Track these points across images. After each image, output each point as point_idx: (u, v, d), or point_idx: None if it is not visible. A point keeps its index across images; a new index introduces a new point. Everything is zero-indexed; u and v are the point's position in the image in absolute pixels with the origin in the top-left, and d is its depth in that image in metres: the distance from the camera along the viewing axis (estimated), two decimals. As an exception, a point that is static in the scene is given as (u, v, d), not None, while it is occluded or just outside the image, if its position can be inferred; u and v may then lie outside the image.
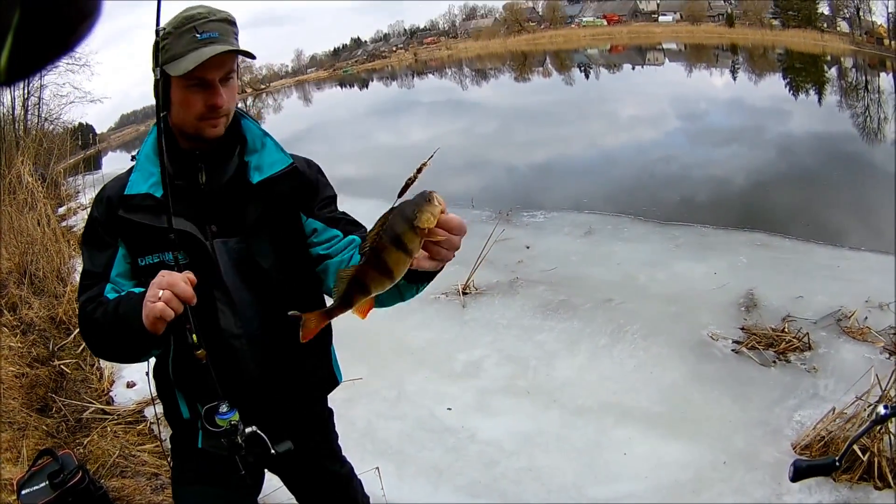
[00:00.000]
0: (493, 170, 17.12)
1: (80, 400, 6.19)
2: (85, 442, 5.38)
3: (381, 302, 1.98)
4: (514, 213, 11.35)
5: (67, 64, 30.72)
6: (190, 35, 2.16)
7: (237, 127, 2.45)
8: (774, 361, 5.66)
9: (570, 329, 6.56)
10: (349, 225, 2.42)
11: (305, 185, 2.47)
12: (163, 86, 2.28)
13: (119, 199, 2.34)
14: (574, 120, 25.66)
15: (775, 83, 36.11)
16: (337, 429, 2.98)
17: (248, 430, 2.35)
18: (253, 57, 2.35)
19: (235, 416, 2.31)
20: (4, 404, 5.90)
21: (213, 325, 2.35)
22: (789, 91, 31.38)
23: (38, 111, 29.85)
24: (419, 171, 1.63)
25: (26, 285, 9.15)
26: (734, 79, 39.64)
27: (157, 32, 2.26)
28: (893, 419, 2.72)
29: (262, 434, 2.39)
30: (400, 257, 1.65)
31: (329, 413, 2.91)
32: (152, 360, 2.67)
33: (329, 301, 1.99)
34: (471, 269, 7.86)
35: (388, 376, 5.97)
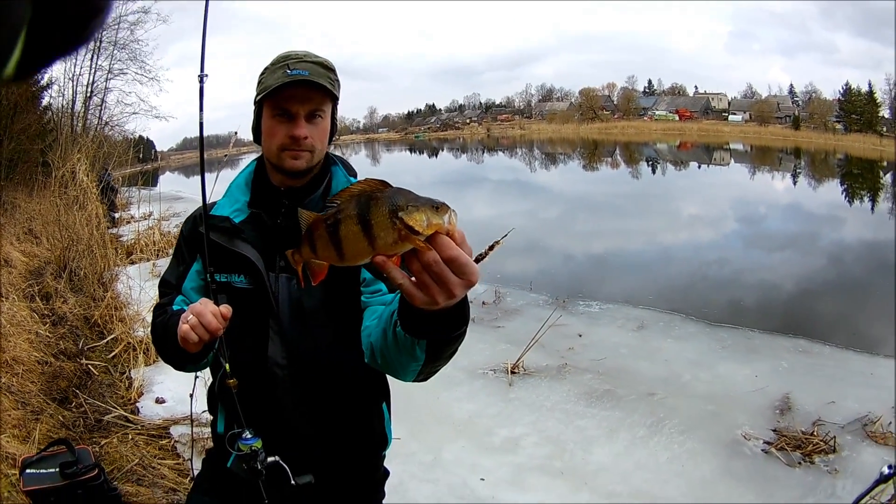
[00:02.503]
0: (554, 255, 17.24)
1: (104, 402, 6.32)
2: (102, 443, 5.50)
3: (393, 363, 1.96)
4: (571, 300, 11.44)
5: (136, 73, 31.03)
6: (281, 71, 2.31)
7: (327, 171, 2.58)
8: (800, 462, 5.78)
9: (611, 418, 6.68)
10: None
11: None
12: (256, 117, 2.48)
13: (203, 218, 2.48)
14: (636, 214, 25.76)
15: (833, 189, 36.05)
16: None
17: (270, 459, 2.41)
18: (335, 98, 2.46)
19: (258, 444, 2.40)
20: (20, 385, 6.04)
21: (262, 352, 2.45)
22: (845, 198, 31.41)
23: (100, 113, 30.29)
24: (491, 248, 1.49)
25: (64, 280, 9.46)
26: (794, 183, 39.53)
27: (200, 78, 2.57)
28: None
29: (283, 464, 2.42)
30: (357, 236, 1.39)
31: (383, 475, 2.88)
32: (201, 383, 2.94)
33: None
34: (522, 350, 8.00)
35: (427, 441, 6.06)
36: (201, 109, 2.59)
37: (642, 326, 9.97)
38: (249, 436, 2.39)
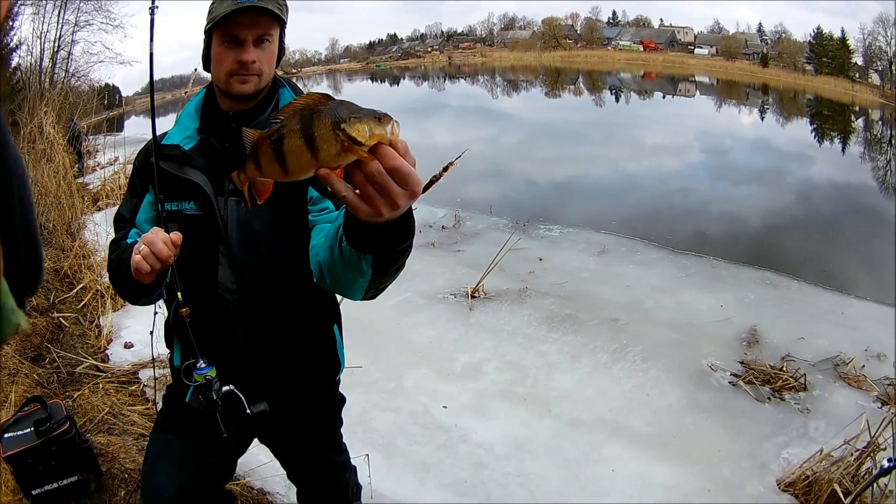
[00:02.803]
0: (515, 181, 17.15)
1: (76, 354, 6.22)
2: (75, 395, 5.41)
3: (340, 280, 1.92)
4: (531, 224, 11.39)
5: (101, 23, 30.77)
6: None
7: (274, 92, 2.55)
8: (769, 398, 5.66)
9: (573, 343, 6.56)
10: None
11: None
12: (206, 45, 2.43)
13: (154, 148, 2.46)
14: (599, 141, 25.62)
15: (802, 128, 35.94)
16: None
17: (225, 388, 2.42)
18: (283, 22, 2.40)
19: (212, 373, 2.40)
20: (-3, 349, 6.09)
21: (212, 278, 2.45)
22: (814, 137, 31.26)
23: (67, 66, 29.60)
24: (445, 169, 1.48)
25: (34, 236, 9.25)
26: (762, 119, 39.37)
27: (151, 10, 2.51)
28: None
29: (238, 393, 2.45)
30: (301, 150, 1.39)
31: (339, 401, 2.94)
32: (161, 321, 2.83)
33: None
34: (482, 274, 7.85)
35: (388, 369, 5.96)
36: (151, 40, 2.57)
37: (603, 251, 9.89)
38: (203, 365, 2.41)
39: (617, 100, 50.45)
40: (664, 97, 53.16)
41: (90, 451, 4.14)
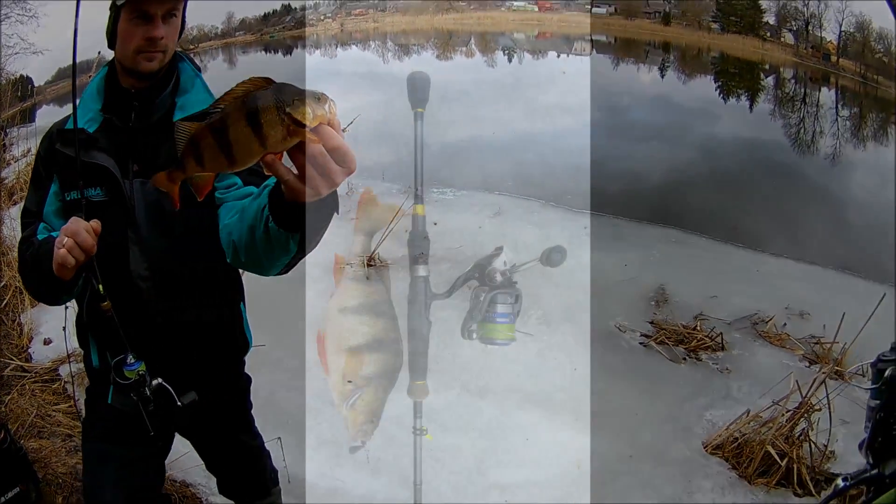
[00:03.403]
0: (406, 145, 16.42)
1: (1, 356, 6.06)
2: (6, 400, 5.32)
3: (260, 259, 1.98)
4: (424, 188, 10.90)
5: (18, 15, 30.74)
6: None
7: (174, 68, 2.55)
8: (685, 358, 5.68)
9: None
10: (252, 175, 2.31)
11: None
12: (112, 22, 2.39)
13: (58, 133, 2.48)
14: (491, 102, 25.59)
15: (706, 85, 36.65)
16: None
17: (154, 382, 2.41)
18: None
19: (142, 367, 2.38)
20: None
21: (125, 266, 2.45)
22: (720, 94, 31.83)
23: None
24: None
25: (-48, 244, 9.22)
26: (662, 76, 40.13)
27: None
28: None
29: (167, 385, 2.44)
30: (248, 138, 1.39)
31: (247, 382, 3.01)
32: (72, 315, 2.91)
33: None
34: (377, 241, 7.57)
35: (290, 345, 5.79)
36: (77, 15, 2.35)
37: (499, 213, 9.84)
38: (133, 360, 2.39)
39: (509, 60, 50.54)
40: (559, 56, 53.72)
41: (25, 458, 3.86)
